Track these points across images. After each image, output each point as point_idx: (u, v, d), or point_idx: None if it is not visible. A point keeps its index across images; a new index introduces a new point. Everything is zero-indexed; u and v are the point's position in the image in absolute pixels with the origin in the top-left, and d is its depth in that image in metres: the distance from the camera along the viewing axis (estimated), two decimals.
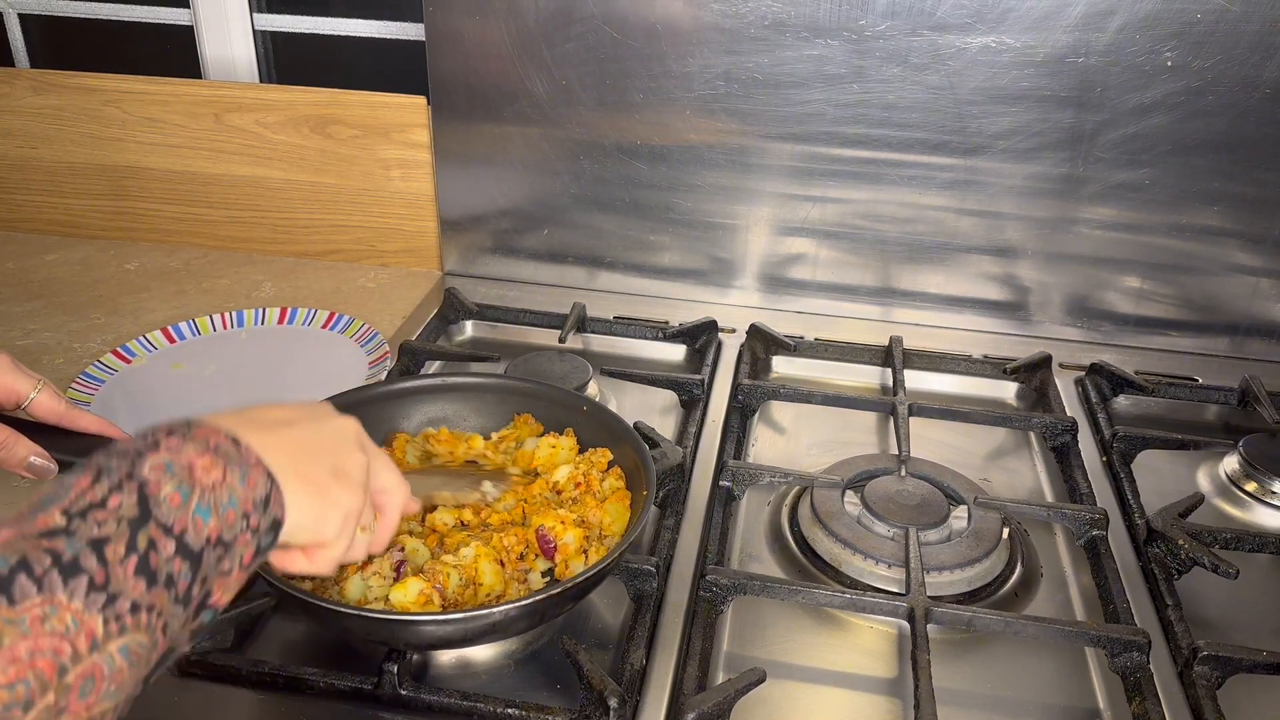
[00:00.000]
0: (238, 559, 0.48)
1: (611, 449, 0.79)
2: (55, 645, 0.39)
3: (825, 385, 1.08)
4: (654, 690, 0.68)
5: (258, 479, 0.49)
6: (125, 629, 0.42)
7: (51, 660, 0.39)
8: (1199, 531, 0.81)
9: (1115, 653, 0.71)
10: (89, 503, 0.43)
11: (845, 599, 0.74)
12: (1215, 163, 1.04)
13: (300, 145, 1.21)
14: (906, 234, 1.13)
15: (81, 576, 0.41)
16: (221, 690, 0.67)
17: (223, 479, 0.47)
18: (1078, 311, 1.14)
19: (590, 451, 0.80)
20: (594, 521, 0.74)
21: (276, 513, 0.50)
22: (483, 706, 0.65)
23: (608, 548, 0.72)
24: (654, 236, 1.18)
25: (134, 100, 1.23)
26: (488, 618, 0.63)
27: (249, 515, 0.49)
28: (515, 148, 1.16)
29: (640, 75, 1.08)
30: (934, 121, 1.06)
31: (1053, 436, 0.97)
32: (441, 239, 1.24)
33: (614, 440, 0.80)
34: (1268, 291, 1.09)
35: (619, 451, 0.79)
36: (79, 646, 0.40)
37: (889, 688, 0.71)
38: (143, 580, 0.43)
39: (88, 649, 0.40)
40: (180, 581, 0.45)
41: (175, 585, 0.44)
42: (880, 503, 0.83)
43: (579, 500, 0.75)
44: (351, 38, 1.24)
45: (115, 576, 0.42)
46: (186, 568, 0.45)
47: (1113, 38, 0.99)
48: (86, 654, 0.40)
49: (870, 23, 1.02)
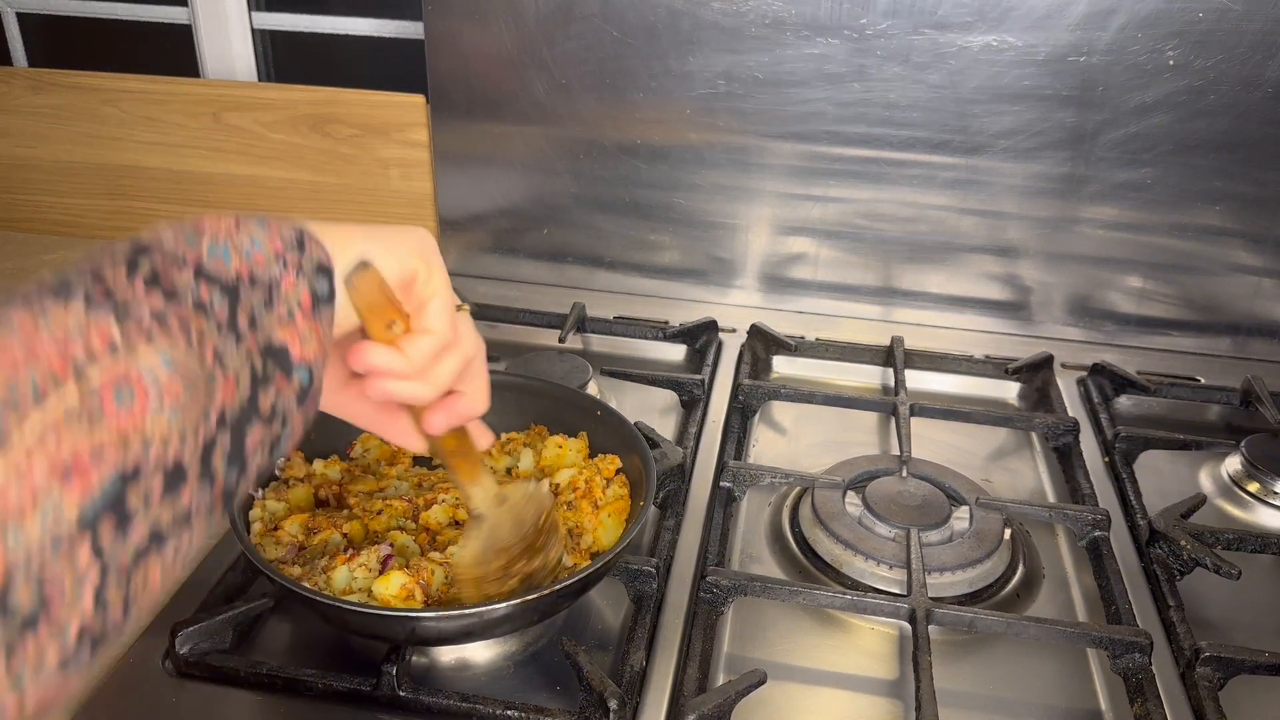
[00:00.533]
0: (293, 303, 0.42)
1: (621, 457, 0.79)
2: (59, 342, 0.33)
3: (826, 385, 1.08)
4: (654, 692, 0.67)
5: (280, 226, 0.43)
6: (154, 337, 0.36)
7: (58, 356, 0.33)
8: (1201, 532, 0.81)
9: (1117, 654, 0.71)
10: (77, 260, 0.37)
11: (846, 600, 0.74)
12: (1217, 162, 1.03)
13: (299, 144, 1.21)
14: (908, 233, 1.13)
15: (76, 294, 0.35)
16: (220, 691, 0.67)
17: (236, 228, 0.42)
18: (1079, 311, 1.14)
19: (599, 458, 0.79)
20: (587, 528, 0.73)
21: (319, 256, 0.44)
22: (482, 708, 0.65)
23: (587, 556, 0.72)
24: (654, 236, 1.18)
25: (132, 99, 1.22)
26: (466, 617, 0.62)
27: (282, 256, 0.42)
28: (515, 147, 1.15)
29: (640, 74, 1.08)
30: (935, 120, 1.06)
31: (1054, 437, 0.97)
32: (441, 238, 1.23)
33: (624, 448, 0.79)
34: (1270, 291, 1.09)
35: (628, 460, 0.79)
36: (93, 346, 0.34)
37: (890, 689, 0.71)
38: (157, 293, 0.37)
39: (106, 350, 0.34)
40: (216, 308, 0.38)
41: (210, 310, 0.38)
42: (881, 503, 0.83)
43: (575, 505, 0.75)
44: (350, 36, 1.24)
45: (119, 290, 0.36)
46: (218, 295, 0.39)
47: (1114, 37, 0.99)
48: (107, 356, 0.34)
49: (871, 21, 1.02)
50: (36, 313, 0.33)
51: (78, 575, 0.32)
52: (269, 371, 0.41)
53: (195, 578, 0.75)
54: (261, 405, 0.40)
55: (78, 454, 0.32)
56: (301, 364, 0.42)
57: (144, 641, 0.69)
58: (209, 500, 0.38)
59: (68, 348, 0.33)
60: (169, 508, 0.36)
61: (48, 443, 0.32)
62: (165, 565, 0.36)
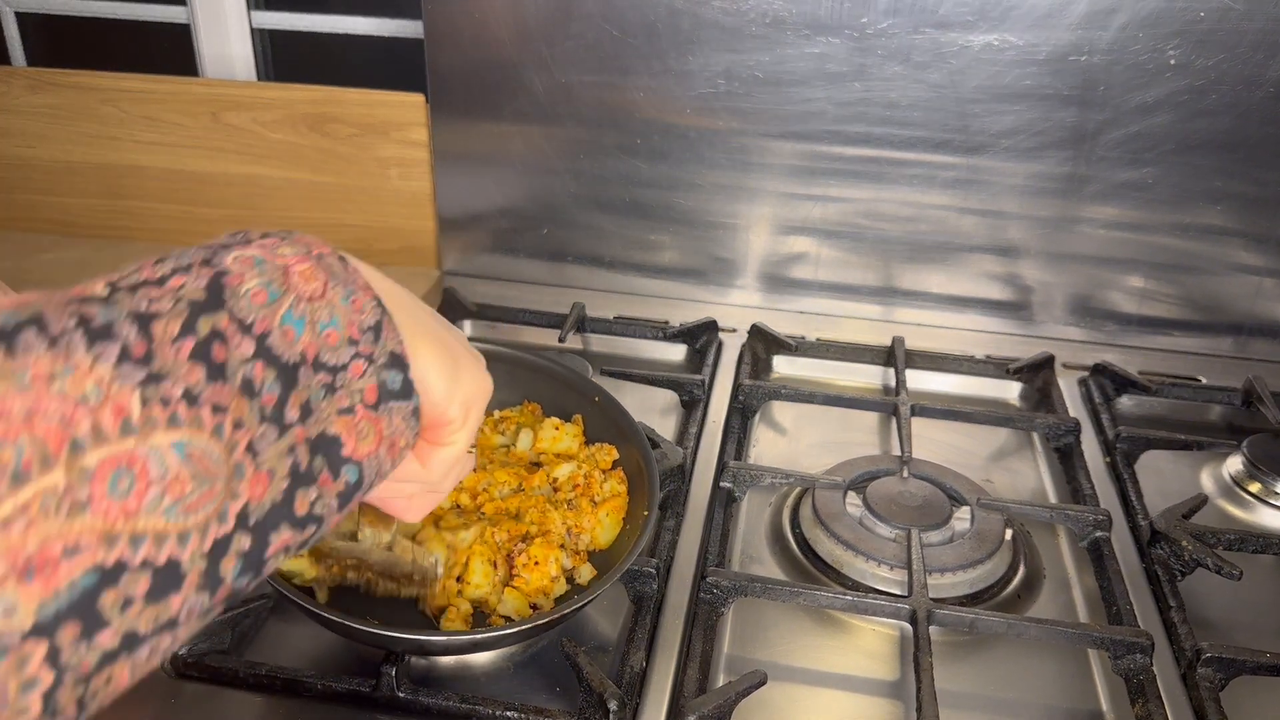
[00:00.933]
0: (356, 394, 0.38)
1: (618, 447, 0.78)
2: (65, 411, 0.29)
3: (827, 385, 1.07)
4: (654, 693, 0.67)
5: (365, 302, 0.40)
6: (178, 420, 0.31)
7: (58, 428, 0.29)
8: (1202, 533, 0.81)
9: (1118, 654, 0.71)
10: (142, 279, 0.33)
11: (847, 601, 0.74)
12: (1219, 162, 1.03)
13: (298, 144, 1.21)
14: (908, 233, 1.12)
15: (113, 343, 0.31)
16: (218, 692, 0.66)
17: (322, 293, 0.38)
18: (1081, 311, 1.14)
19: (595, 447, 0.79)
20: (585, 527, 0.73)
21: (394, 347, 0.40)
22: (482, 709, 0.65)
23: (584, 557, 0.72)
24: (654, 236, 1.18)
25: (131, 99, 1.22)
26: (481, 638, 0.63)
27: (356, 341, 0.39)
28: (514, 146, 1.15)
29: (640, 73, 1.08)
30: (936, 120, 1.05)
31: (1056, 437, 0.97)
32: (440, 238, 1.23)
33: (621, 438, 0.78)
34: (1271, 291, 1.09)
35: (625, 451, 0.78)
36: (102, 421, 0.30)
37: (891, 690, 0.71)
38: (201, 368, 0.33)
39: (116, 429, 0.30)
40: (265, 393, 0.35)
41: (257, 394, 0.34)
42: (882, 504, 0.82)
43: (575, 504, 0.74)
44: (349, 35, 1.23)
45: (161, 354, 0.32)
46: (273, 378, 0.35)
47: (1115, 36, 0.99)
48: (116, 435, 0.30)
49: (872, 20, 1.02)
50: (59, 361, 0.30)
51: (24, 682, 0.28)
52: (315, 468, 0.37)
53: None
54: (298, 507, 0.36)
55: (46, 548, 0.28)
56: (352, 461, 0.38)
57: None
58: (206, 605, 0.34)
59: (73, 419, 0.29)
60: (151, 613, 0.32)
61: (11, 532, 0.28)
62: (137, 665, 0.32)
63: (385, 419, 0.40)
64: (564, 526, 0.72)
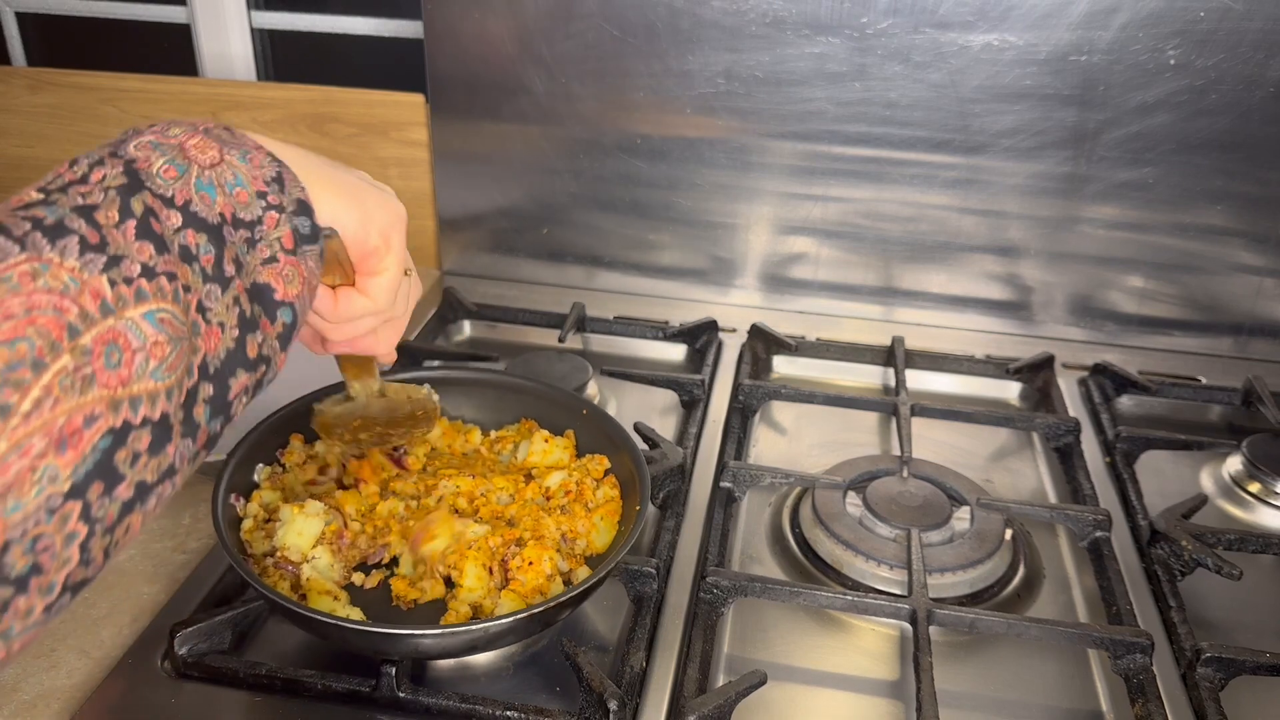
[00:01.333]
0: (275, 243, 0.43)
1: (610, 456, 0.79)
2: (55, 302, 0.33)
3: (826, 385, 1.07)
4: (654, 693, 0.67)
5: (261, 159, 0.44)
6: (143, 294, 0.36)
7: (54, 318, 0.33)
8: (1202, 533, 0.81)
9: (1118, 654, 0.71)
10: (67, 181, 0.38)
11: (847, 601, 0.74)
12: (1218, 162, 1.03)
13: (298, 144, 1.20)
14: (908, 233, 1.12)
15: (70, 236, 0.35)
16: (218, 692, 0.66)
17: (220, 158, 0.42)
18: (1081, 311, 1.14)
19: (587, 458, 0.79)
20: (580, 532, 0.73)
21: (298, 194, 0.45)
22: (482, 709, 0.64)
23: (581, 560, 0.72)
24: (654, 235, 1.18)
25: (131, 98, 1.22)
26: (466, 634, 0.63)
27: (264, 194, 0.43)
28: (514, 146, 1.15)
29: (640, 73, 1.08)
30: (936, 120, 1.05)
31: (1055, 437, 0.97)
32: (440, 238, 1.23)
33: (612, 447, 0.79)
34: (1271, 291, 1.09)
35: (617, 459, 0.78)
36: (86, 306, 0.34)
37: (891, 690, 0.71)
38: (149, 244, 0.37)
39: (98, 309, 0.34)
40: (202, 255, 0.39)
41: (196, 258, 0.39)
42: (882, 504, 0.82)
43: (567, 509, 0.74)
44: (349, 35, 1.23)
45: (112, 238, 0.36)
46: (205, 241, 0.39)
47: (1115, 36, 0.99)
48: (98, 315, 0.34)
49: (872, 20, 1.02)
50: (34, 260, 0.34)
51: (67, 536, 0.33)
52: (255, 315, 0.41)
53: (194, 577, 0.75)
54: (249, 350, 0.41)
55: (71, 421, 0.33)
56: (285, 303, 0.43)
57: (143, 642, 0.69)
58: (193, 450, 0.39)
59: (64, 308, 0.33)
60: (154, 463, 0.37)
61: (44, 412, 0.32)
62: (147, 512, 0.38)
63: (303, 261, 0.45)
64: (558, 532, 0.72)
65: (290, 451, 0.77)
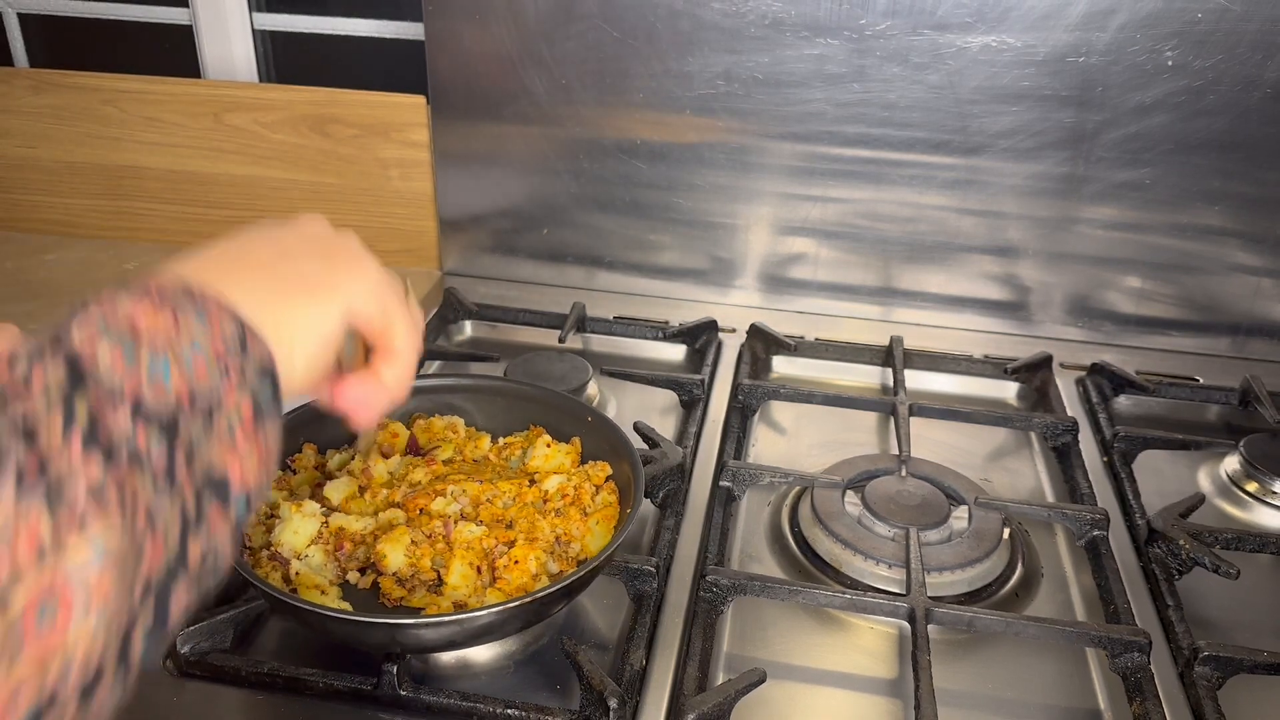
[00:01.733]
0: (235, 418, 0.38)
1: (611, 464, 0.79)
2: None
3: (826, 385, 1.08)
4: (654, 691, 0.67)
5: (219, 316, 0.40)
6: (86, 521, 0.31)
7: None
8: (1200, 532, 0.81)
9: (1116, 653, 0.71)
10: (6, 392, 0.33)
11: (846, 599, 0.74)
12: (1216, 162, 1.03)
13: (299, 145, 1.21)
14: (907, 233, 1.13)
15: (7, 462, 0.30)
16: (220, 691, 0.67)
17: (175, 324, 0.38)
18: (1079, 311, 1.14)
19: (589, 465, 0.79)
20: (575, 535, 0.73)
21: (260, 356, 0.41)
22: (482, 707, 0.65)
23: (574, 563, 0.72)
24: (654, 236, 1.18)
25: (132, 100, 1.22)
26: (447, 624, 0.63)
27: (223, 360, 0.39)
28: (515, 147, 1.15)
29: (640, 74, 1.08)
30: (935, 121, 1.06)
31: (1053, 436, 0.97)
32: (440, 238, 1.23)
33: (615, 455, 0.79)
34: (1269, 291, 1.09)
35: (618, 467, 0.78)
36: (19, 557, 0.29)
37: (889, 688, 0.71)
38: (95, 454, 0.33)
39: (34, 559, 0.30)
40: (154, 457, 0.34)
41: (146, 461, 0.34)
42: (881, 503, 0.83)
43: (563, 512, 0.74)
44: (351, 37, 1.24)
45: (55, 461, 0.31)
46: (156, 438, 0.35)
47: (1113, 37, 0.99)
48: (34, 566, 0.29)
49: (871, 21, 1.02)
50: None
51: None
52: (203, 509, 0.36)
53: None
54: (190, 555, 0.36)
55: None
56: (241, 492, 0.38)
57: None
58: (123, 685, 0.34)
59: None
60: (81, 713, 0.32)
61: None
62: None
63: (263, 437, 0.40)
64: (553, 534, 0.73)
65: (301, 457, 0.78)
